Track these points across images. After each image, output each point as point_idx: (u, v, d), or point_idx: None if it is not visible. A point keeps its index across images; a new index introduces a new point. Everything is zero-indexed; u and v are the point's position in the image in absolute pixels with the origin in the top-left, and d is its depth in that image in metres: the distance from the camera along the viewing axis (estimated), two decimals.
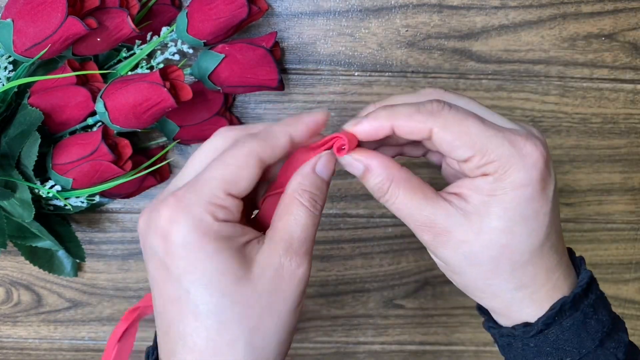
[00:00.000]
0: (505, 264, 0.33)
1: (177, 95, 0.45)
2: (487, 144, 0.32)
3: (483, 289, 0.34)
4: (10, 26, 0.42)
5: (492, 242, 0.32)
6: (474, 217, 0.32)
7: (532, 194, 0.32)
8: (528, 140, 0.32)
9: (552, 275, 0.34)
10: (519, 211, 0.32)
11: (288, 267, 0.32)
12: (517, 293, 0.34)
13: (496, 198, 0.32)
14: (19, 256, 0.57)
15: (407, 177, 0.34)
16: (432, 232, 0.33)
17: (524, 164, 0.32)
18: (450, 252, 0.33)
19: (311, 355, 0.62)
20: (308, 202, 0.33)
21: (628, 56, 0.54)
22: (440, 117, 0.32)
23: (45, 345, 0.61)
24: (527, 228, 0.33)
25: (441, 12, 0.53)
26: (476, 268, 0.33)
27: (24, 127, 0.45)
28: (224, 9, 0.45)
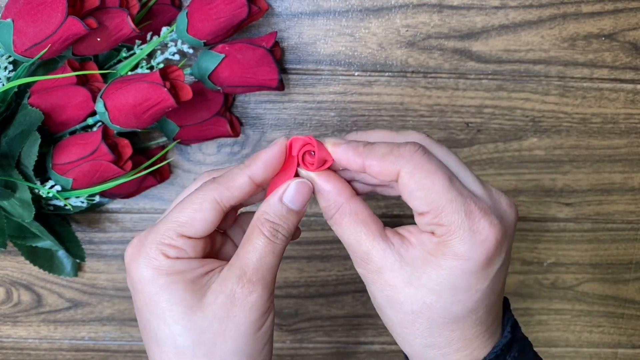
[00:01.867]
0: (422, 321, 0.33)
1: (177, 95, 0.45)
2: (444, 206, 0.32)
3: (399, 333, 0.35)
4: (10, 26, 0.42)
5: (416, 297, 0.33)
6: (407, 267, 0.33)
7: (471, 269, 0.32)
8: (486, 215, 0.32)
9: (469, 344, 0.34)
10: (451, 280, 0.32)
11: (239, 293, 0.33)
12: (429, 350, 0.34)
13: (434, 259, 0.32)
14: (19, 256, 0.57)
15: (355, 209, 0.34)
16: (366, 268, 0.34)
17: (472, 239, 0.32)
18: (377, 290, 0.34)
19: (311, 355, 0.62)
20: (268, 231, 0.34)
21: (628, 56, 0.54)
22: (411, 161, 0.32)
23: (45, 345, 0.61)
24: (454, 297, 0.32)
25: (441, 12, 0.53)
26: (395, 313, 0.34)
27: (24, 127, 0.45)
28: (224, 8, 0.45)
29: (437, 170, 0.32)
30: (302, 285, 0.60)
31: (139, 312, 0.34)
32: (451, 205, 0.32)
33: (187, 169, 0.56)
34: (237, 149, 0.56)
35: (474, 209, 0.32)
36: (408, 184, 0.32)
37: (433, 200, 0.32)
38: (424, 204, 0.32)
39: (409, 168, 0.32)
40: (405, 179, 0.32)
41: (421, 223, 0.33)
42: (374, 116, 0.55)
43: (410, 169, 0.32)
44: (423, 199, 0.32)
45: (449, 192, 0.32)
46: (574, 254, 0.60)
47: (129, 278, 0.34)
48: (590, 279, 0.61)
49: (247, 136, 0.55)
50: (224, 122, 0.51)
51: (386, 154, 0.33)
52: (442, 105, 0.55)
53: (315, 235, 0.59)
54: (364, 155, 0.33)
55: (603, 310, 0.62)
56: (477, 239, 0.32)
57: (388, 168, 0.33)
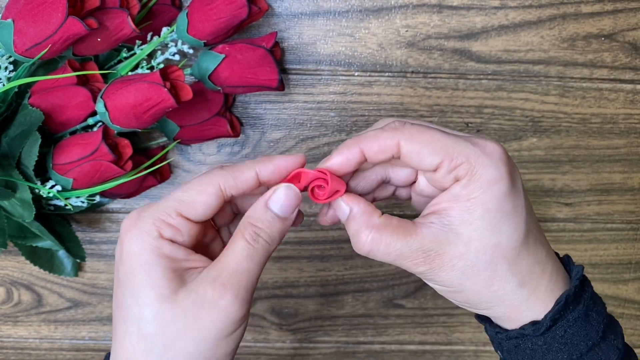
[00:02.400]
0: (501, 264, 0.33)
1: (177, 95, 0.45)
2: (453, 148, 0.33)
3: (488, 299, 0.34)
4: (10, 26, 0.42)
5: (483, 246, 0.33)
6: (459, 228, 0.33)
7: (507, 188, 0.33)
8: (488, 140, 0.34)
9: (545, 268, 0.34)
10: (500, 208, 0.33)
11: (210, 296, 0.32)
12: (522, 291, 0.34)
13: (475, 200, 0.33)
14: (19, 256, 0.57)
15: (387, 221, 0.34)
16: (426, 261, 0.33)
17: (492, 161, 0.33)
18: (448, 272, 0.34)
19: (311, 355, 0.62)
20: (249, 235, 0.34)
21: (628, 56, 0.54)
22: (405, 130, 0.33)
23: (46, 345, 0.61)
24: (511, 223, 0.33)
25: (441, 12, 0.53)
26: (476, 279, 0.34)
27: (24, 127, 0.46)
28: (224, 9, 0.46)
29: (429, 127, 0.34)
30: (302, 285, 0.60)
31: (119, 284, 0.34)
32: (458, 145, 0.33)
33: (187, 169, 0.56)
34: (237, 149, 0.56)
35: (476, 139, 0.34)
36: (412, 148, 0.33)
37: (441, 148, 0.33)
38: (435, 155, 0.33)
39: (406, 135, 0.33)
40: (408, 145, 0.33)
41: (441, 177, 0.33)
42: (374, 116, 0.55)
43: (407, 135, 0.33)
44: (432, 152, 0.33)
45: (449, 137, 0.33)
46: (574, 254, 0.60)
47: (118, 248, 0.34)
48: (590, 278, 0.61)
49: (247, 136, 0.55)
50: (224, 122, 0.51)
51: (379, 133, 0.34)
52: (442, 106, 0.55)
53: (316, 235, 0.59)
54: (358, 143, 0.34)
55: None
56: (495, 159, 0.33)
57: (387, 143, 0.33)
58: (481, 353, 0.63)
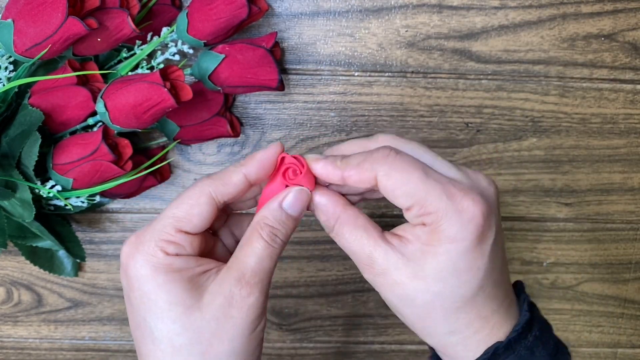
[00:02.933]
0: (437, 310, 0.34)
1: (177, 95, 0.45)
2: (425, 196, 0.33)
3: (419, 328, 0.35)
4: (10, 26, 0.42)
5: (425, 288, 0.33)
6: (410, 263, 0.33)
7: (467, 248, 0.33)
8: (467, 194, 0.33)
9: (486, 323, 0.35)
10: (451, 264, 0.33)
11: (238, 295, 0.34)
12: (451, 337, 0.35)
13: (431, 248, 0.33)
14: (19, 256, 0.57)
15: (352, 216, 0.35)
16: (372, 271, 0.34)
17: (460, 219, 0.33)
18: (388, 292, 0.35)
19: (311, 355, 0.62)
20: (268, 236, 0.35)
21: (628, 56, 0.54)
22: (385, 164, 0.34)
23: (46, 345, 0.61)
24: (459, 280, 0.33)
25: (441, 12, 0.53)
26: (410, 309, 0.35)
27: (24, 127, 0.46)
28: (224, 9, 0.46)
29: (410, 165, 0.33)
30: (302, 285, 0.60)
31: (135, 310, 0.34)
32: (432, 193, 0.33)
33: (187, 169, 0.56)
34: (237, 149, 0.56)
35: (454, 191, 0.33)
36: (387, 185, 0.34)
37: (414, 193, 0.33)
38: (406, 198, 0.33)
39: (384, 170, 0.33)
40: (384, 181, 0.34)
41: (410, 217, 0.34)
42: (374, 116, 0.55)
43: (385, 170, 0.33)
44: (404, 194, 0.33)
45: (426, 182, 0.33)
46: (574, 254, 0.60)
47: (124, 276, 0.34)
48: (590, 278, 0.61)
49: (247, 136, 0.55)
50: (224, 122, 0.51)
51: (361, 163, 0.34)
52: (441, 106, 0.55)
53: (315, 235, 0.59)
54: (342, 168, 0.35)
55: (602, 310, 0.63)
56: (464, 218, 0.33)
57: (365, 175, 0.34)
58: None
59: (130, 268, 0.34)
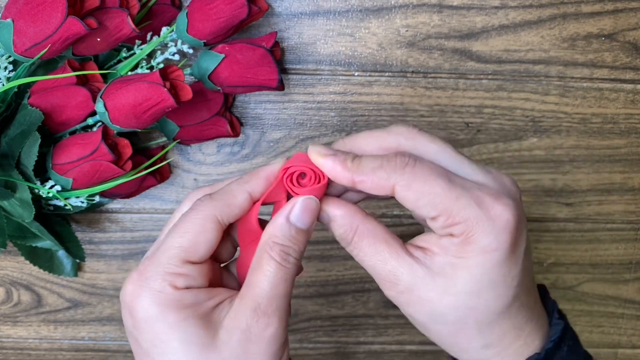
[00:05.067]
0: (471, 325, 0.32)
1: (177, 95, 0.45)
2: (452, 205, 0.30)
3: (450, 345, 0.33)
4: (10, 26, 0.42)
5: (458, 304, 0.31)
6: (439, 277, 0.31)
7: (501, 258, 0.30)
8: (498, 200, 0.31)
9: (521, 333, 0.33)
10: (486, 276, 0.31)
11: (255, 328, 0.31)
12: (485, 351, 0.33)
13: (463, 261, 0.31)
14: (19, 256, 0.57)
15: (371, 229, 0.32)
16: (395, 288, 0.32)
17: (493, 228, 0.30)
18: (415, 309, 0.32)
19: (311, 355, 0.62)
20: (278, 255, 0.32)
21: (628, 56, 0.54)
22: (404, 174, 0.31)
23: (46, 345, 0.61)
24: (494, 292, 0.31)
25: (441, 12, 0.53)
26: (441, 326, 0.32)
27: (24, 127, 0.45)
28: (224, 9, 0.45)
29: (432, 173, 0.31)
30: (302, 285, 0.60)
31: (145, 354, 0.31)
32: (459, 202, 0.30)
33: (187, 169, 0.56)
34: (237, 149, 0.56)
35: (484, 197, 0.30)
36: (407, 196, 0.31)
37: (439, 203, 0.30)
38: (431, 209, 0.31)
39: (403, 181, 0.31)
40: (403, 192, 0.31)
41: (436, 227, 0.31)
42: (374, 116, 0.55)
43: (405, 181, 0.31)
44: (427, 205, 0.31)
45: (451, 191, 0.30)
46: (574, 254, 0.60)
47: (129, 317, 0.31)
48: (590, 279, 0.61)
49: (247, 136, 0.55)
50: (224, 122, 0.51)
51: (376, 169, 0.31)
52: (442, 105, 0.55)
53: (315, 235, 0.59)
54: (353, 170, 0.32)
55: (603, 311, 0.62)
56: (498, 226, 0.30)
57: (381, 184, 0.31)
58: None
59: (136, 309, 0.31)
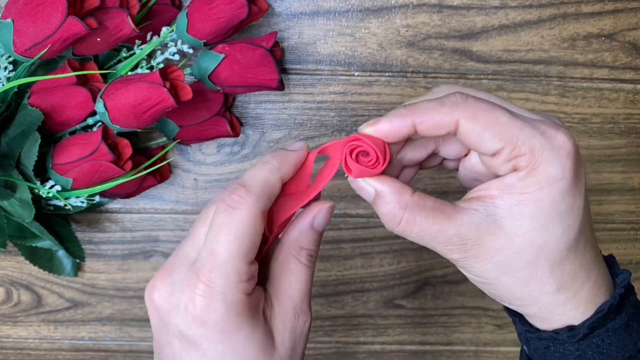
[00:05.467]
0: (543, 266, 0.31)
1: (177, 95, 0.45)
2: (517, 135, 0.30)
3: (521, 297, 0.32)
4: (10, 26, 0.42)
5: (528, 245, 0.31)
6: (505, 221, 0.31)
7: (567, 188, 0.30)
8: (559, 130, 0.30)
9: (590, 273, 0.32)
10: (554, 207, 0.30)
11: (299, 326, 0.34)
12: (559, 295, 0.32)
13: (529, 195, 0.30)
14: (19, 256, 0.57)
15: (420, 201, 0.32)
16: (462, 249, 0.31)
17: (558, 156, 0.30)
18: (483, 264, 0.31)
19: (311, 355, 0.62)
20: (306, 259, 0.34)
21: (628, 56, 0.54)
22: (467, 107, 0.30)
23: (45, 345, 0.61)
24: (563, 225, 0.31)
25: (441, 12, 0.53)
26: (512, 276, 0.31)
27: (24, 127, 0.45)
28: (224, 9, 0.45)
29: (495, 107, 0.30)
30: None
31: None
32: (524, 132, 0.30)
33: (187, 169, 0.56)
34: (237, 149, 0.56)
35: (545, 128, 0.30)
36: (473, 128, 0.30)
37: (505, 133, 0.30)
38: (497, 140, 0.30)
39: (467, 113, 0.30)
40: (468, 125, 0.30)
41: (498, 164, 0.31)
42: (374, 116, 0.55)
43: (469, 113, 0.30)
44: (494, 135, 0.30)
45: (515, 121, 0.30)
46: None
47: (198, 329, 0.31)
48: None
49: (247, 136, 0.55)
50: (224, 122, 0.51)
51: (437, 107, 0.31)
52: None
53: None
54: (411, 114, 0.31)
55: None
56: (562, 154, 0.30)
57: (444, 119, 0.30)
58: (481, 353, 0.63)
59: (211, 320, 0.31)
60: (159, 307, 0.33)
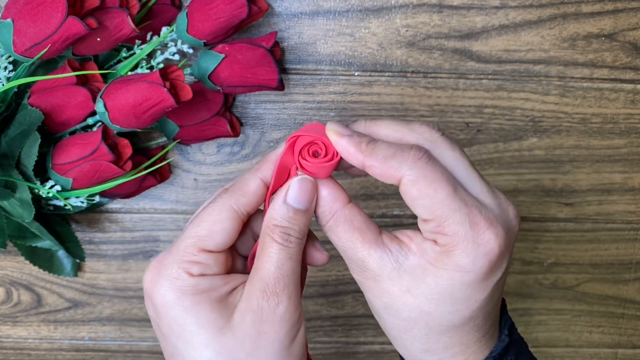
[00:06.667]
0: (420, 327, 0.33)
1: (177, 95, 0.45)
2: (447, 215, 0.31)
3: (396, 337, 0.34)
4: (10, 26, 0.42)
5: (414, 305, 0.32)
6: (405, 275, 0.32)
7: (471, 280, 0.31)
8: (491, 227, 0.31)
9: (466, 349, 0.33)
10: (449, 290, 0.31)
11: (266, 308, 0.32)
12: (426, 355, 0.33)
13: (434, 270, 0.31)
14: (19, 256, 0.57)
15: (350, 215, 0.33)
16: (361, 275, 0.33)
17: (475, 251, 0.31)
18: (373, 297, 0.33)
19: (311, 356, 0.62)
20: (280, 237, 0.33)
21: (628, 56, 0.54)
22: (414, 168, 0.31)
23: (45, 345, 0.61)
24: (452, 307, 0.32)
25: (441, 12, 0.53)
26: (393, 319, 0.33)
27: (24, 127, 0.45)
28: (224, 8, 0.45)
29: (441, 178, 0.31)
30: None
31: (165, 339, 0.33)
32: (455, 215, 0.31)
33: (187, 169, 0.56)
34: (237, 149, 0.56)
35: (480, 219, 0.31)
36: (410, 192, 0.31)
37: (436, 209, 0.31)
38: (427, 212, 0.31)
39: (411, 175, 0.31)
40: (408, 187, 0.31)
41: (424, 230, 0.32)
42: (374, 116, 0.55)
43: (412, 176, 0.31)
44: (426, 207, 0.31)
45: (452, 202, 0.31)
46: (574, 254, 0.60)
47: (150, 304, 0.33)
48: (590, 279, 0.61)
49: (247, 136, 0.55)
50: (224, 122, 0.51)
51: (388, 158, 0.32)
52: (442, 105, 0.55)
53: (315, 235, 0.58)
54: (366, 154, 0.32)
55: (603, 311, 0.62)
56: (480, 251, 0.31)
57: (389, 172, 0.32)
58: None
59: (155, 295, 0.32)
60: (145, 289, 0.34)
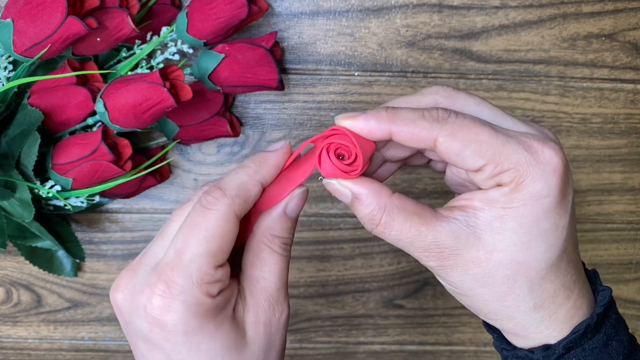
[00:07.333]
0: (522, 283, 0.30)
1: (177, 95, 0.45)
2: (500, 151, 0.29)
3: (497, 311, 0.32)
4: (10, 26, 0.42)
5: (507, 260, 0.30)
6: (485, 234, 0.30)
7: (551, 205, 0.29)
8: (546, 144, 0.30)
9: (570, 294, 0.31)
10: (537, 225, 0.29)
11: (274, 318, 0.33)
12: (535, 314, 0.31)
13: (512, 211, 0.29)
14: (19, 256, 0.57)
15: (400, 204, 0.31)
16: (439, 257, 0.30)
17: (543, 172, 0.29)
18: (459, 274, 0.31)
19: (311, 355, 0.62)
20: (279, 247, 0.33)
21: (628, 56, 0.54)
22: (447, 124, 0.29)
23: (45, 345, 0.61)
24: (545, 243, 0.30)
25: (441, 12, 0.53)
26: (488, 289, 0.31)
27: (24, 127, 0.45)
28: (224, 8, 0.45)
29: (476, 122, 0.30)
30: (302, 285, 0.60)
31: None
32: (507, 147, 0.29)
33: (187, 169, 0.56)
34: (237, 149, 0.56)
35: (532, 142, 0.29)
36: (452, 146, 0.29)
37: (486, 150, 0.29)
38: (478, 157, 0.29)
39: (446, 131, 0.29)
40: (447, 143, 0.29)
41: (481, 180, 0.30)
42: None
43: (448, 131, 0.29)
44: (474, 153, 0.29)
45: (497, 137, 0.29)
46: None
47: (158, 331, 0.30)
48: None
49: (247, 136, 0.55)
50: (224, 122, 0.51)
51: (417, 119, 0.30)
52: None
53: (315, 235, 0.59)
54: (389, 120, 0.30)
55: None
56: (548, 170, 0.29)
57: (422, 134, 0.29)
58: (481, 353, 0.63)
59: (169, 323, 0.30)
60: (122, 308, 0.32)
